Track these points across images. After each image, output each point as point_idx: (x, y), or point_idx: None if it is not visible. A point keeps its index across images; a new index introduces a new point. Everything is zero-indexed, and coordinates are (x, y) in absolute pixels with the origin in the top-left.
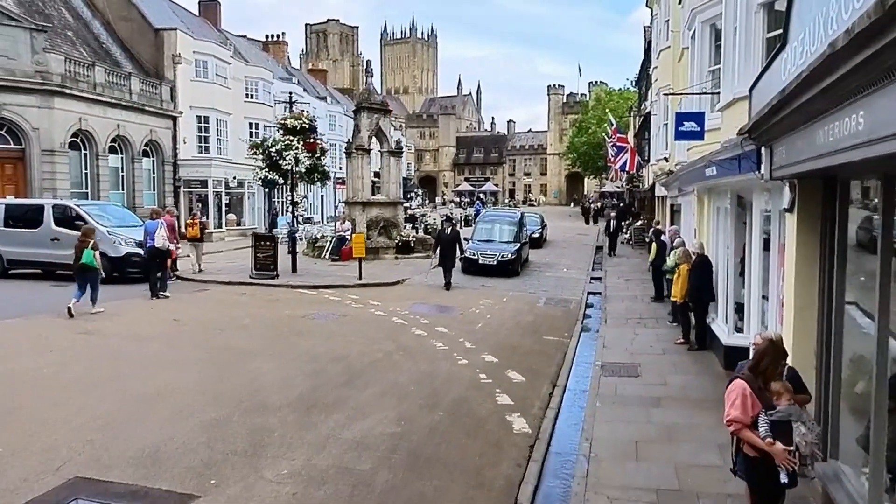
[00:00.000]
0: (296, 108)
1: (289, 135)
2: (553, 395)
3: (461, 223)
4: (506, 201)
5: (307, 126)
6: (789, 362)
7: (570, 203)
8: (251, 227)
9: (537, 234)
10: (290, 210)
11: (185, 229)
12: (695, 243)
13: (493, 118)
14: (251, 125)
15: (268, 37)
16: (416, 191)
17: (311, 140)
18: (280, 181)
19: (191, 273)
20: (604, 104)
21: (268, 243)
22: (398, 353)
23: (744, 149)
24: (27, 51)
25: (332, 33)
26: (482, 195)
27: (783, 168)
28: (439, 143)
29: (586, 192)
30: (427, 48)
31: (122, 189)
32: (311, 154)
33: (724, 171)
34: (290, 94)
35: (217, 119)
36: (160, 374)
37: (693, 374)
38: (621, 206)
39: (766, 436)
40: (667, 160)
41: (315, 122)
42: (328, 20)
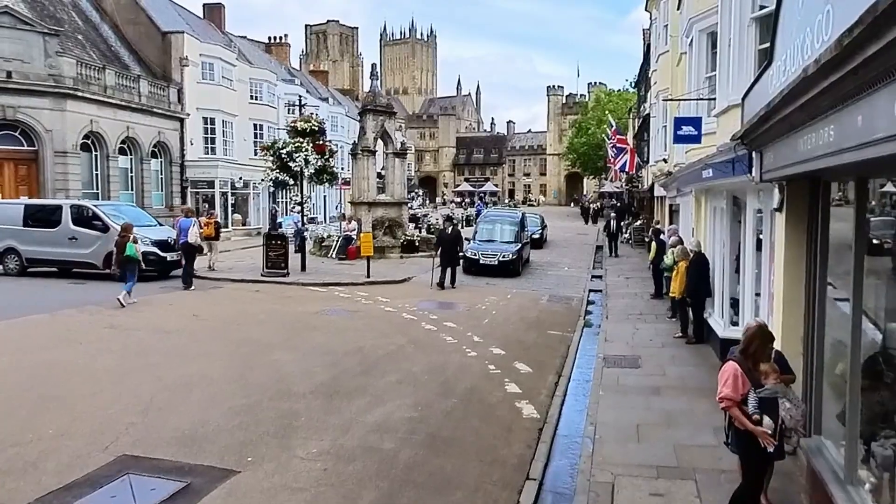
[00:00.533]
0: (305, 111)
1: (299, 137)
2: (558, 385)
3: (462, 223)
4: (506, 201)
5: (316, 129)
6: (779, 348)
7: (570, 203)
8: (256, 226)
9: (537, 234)
10: (299, 210)
11: (201, 228)
12: (692, 241)
13: (492, 119)
14: (256, 126)
15: (270, 38)
16: (416, 191)
17: (321, 142)
18: (290, 182)
19: (205, 270)
20: (603, 105)
21: (279, 242)
22: (410, 346)
23: (737, 153)
24: (40, 54)
25: (331, 34)
26: (484, 195)
27: (771, 171)
28: (439, 143)
29: (585, 192)
30: (426, 49)
31: (131, 189)
32: (320, 155)
33: (720, 174)
34: (300, 97)
35: (223, 121)
36: (188, 365)
37: (691, 365)
38: (620, 206)
39: (754, 412)
40: (666, 161)
41: (324, 124)
42: (328, 21)
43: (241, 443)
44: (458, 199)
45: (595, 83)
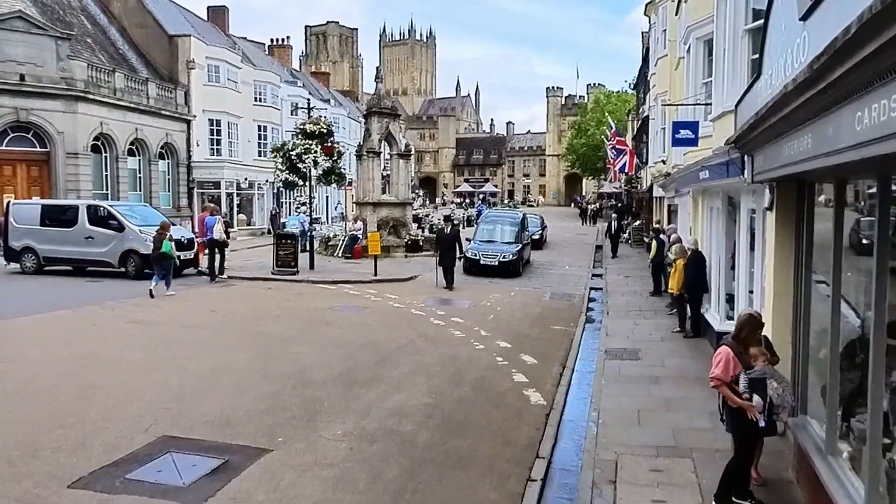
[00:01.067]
0: (313, 114)
1: (308, 139)
2: (563, 375)
3: (463, 223)
4: (505, 202)
5: (325, 131)
6: (769, 335)
7: (571, 204)
8: (261, 227)
9: (537, 235)
10: (304, 211)
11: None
12: (690, 240)
13: (492, 119)
14: (260, 128)
15: (272, 40)
16: (417, 192)
17: (329, 144)
18: (300, 183)
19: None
20: (602, 106)
21: (289, 241)
22: (420, 340)
23: (730, 156)
24: (53, 58)
25: (331, 35)
26: (486, 196)
27: (761, 173)
28: (439, 144)
29: (584, 193)
30: (426, 49)
31: (140, 190)
32: (328, 157)
33: (715, 175)
34: (308, 100)
35: (228, 122)
36: (212, 357)
37: (688, 357)
38: (620, 206)
39: (744, 390)
40: (664, 163)
41: (332, 126)
42: (328, 22)
43: (270, 425)
44: (459, 200)
45: (594, 84)
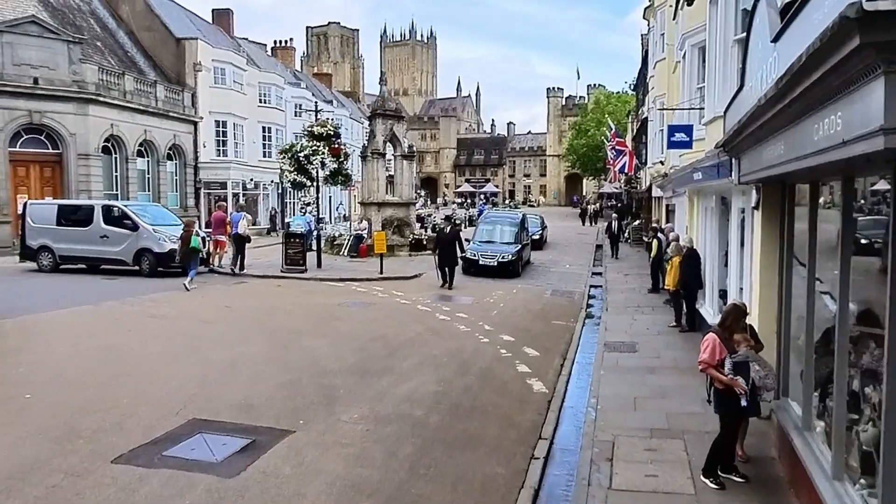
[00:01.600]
0: (321, 116)
1: (315, 141)
2: (564, 366)
3: (465, 223)
4: (506, 202)
5: (332, 133)
6: (756, 325)
7: (572, 205)
8: (265, 226)
9: (538, 235)
10: (312, 210)
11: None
12: (685, 238)
13: (492, 120)
14: (264, 129)
15: (276, 42)
16: (418, 192)
17: (336, 145)
18: (308, 184)
19: (227, 266)
20: (602, 107)
21: (297, 240)
22: (427, 334)
23: (720, 159)
24: (65, 62)
25: (332, 36)
26: (488, 195)
27: (747, 175)
28: (440, 144)
29: (584, 193)
30: (426, 50)
31: (148, 190)
32: (335, 158)
33: (708, 176)
34: (315, 102)
35: (234, 124)
36: (231, 348)
37: (683, 350)
38: (620, 206)
39: (729, 372)
40: (662, 164)
41: (339, 128)
42: (329, 23)
43: (291, 409)
44: (460, 200)
45: (594, 85)
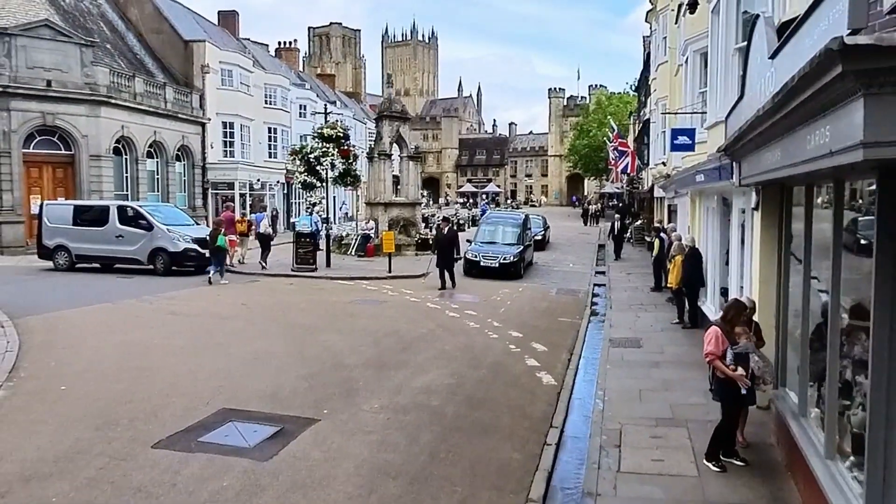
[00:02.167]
0: (330, 118)
1: (325, 142)
2: (571, 360)
3: (468, 223)
4: (508, 202)
5: (341, 134)
6: (755, 319)
7: (573, 205)
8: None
9: (540, 236)
10: (319, 210)
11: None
12: (687, 237)
13: (494, 120)
14: (270, 130)
15: (280, 43)
16: (422, 192)
17: (345, 147)
18: (318, 184)
19: (237, 264)
20: (604, 108)
21: (308, 240)
22: (439, 330)
23: (722, 162)
24: (77, 64)
25: (334, 36)
26: (492, 196)
27: (747, 178)
28: (442, 144)
29: (586, 193)
30: (428, 50)
31: (157, 191)
32: (344, 160)
33: (710, 178)
34: (326, 104)
35: (241, 125)
36: (251, 343)
37: (686, 345)
38: (621, 206)
39: (730, 363)
40: (665, 165)
41: (348, 130)
42: (331, 23)
43: (314, 400)
44: (463, 200)
45: (596, 86)
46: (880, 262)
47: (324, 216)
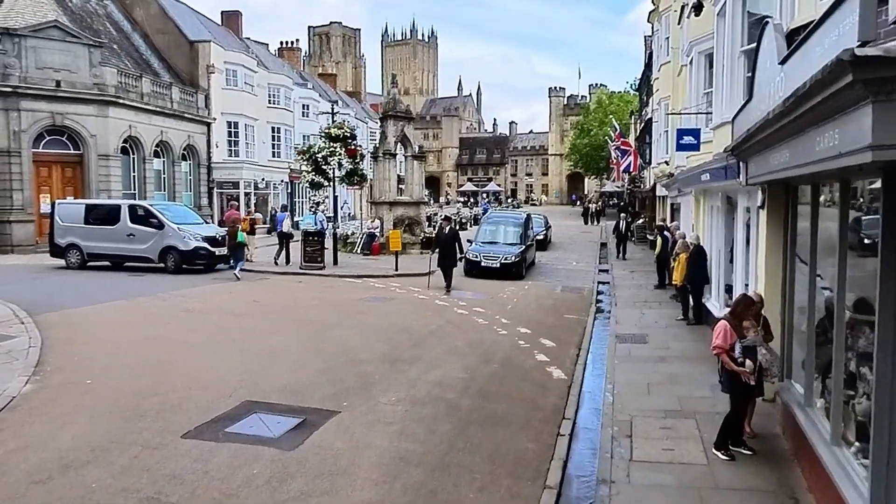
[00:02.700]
0: (336, 118)
1: (332, 142)
2: (580, 355)
3: (470, 222)
4: (508, 200)
5: (348, 134)
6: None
7: (574, 204)
8: (267, 226)
9: (542, 235)
10: (323, 209)
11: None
12: (692, 235)
13: (494, 119)
14: (273, 129)
15: (282, 43)
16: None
17: (352, 147)
18: (325, 183)
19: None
20: (605, 107)
21: (316, 238)
22: (448, 326)
23: (728, 161)
24: (86, 65)
25: (334, 35)
26: (494, 194)
27: (754, 177)
28: (442, 143)
29: (586, 192)
30: (428, 49)
31: (164, 190)
32: (351, 159)
33: (715, 177)
34: (332, 105)
35: (245, 124)
36: (267, 339)
37: (691, 341)
38: (622, 204)
39: (738, 355)
40: (667, 164)
41: (355, 130)
42: (331, 23)
43: (333, 393)
44: (464, 199)
45: (596, 85)
46: (885, 258)
47: (328, 215)
